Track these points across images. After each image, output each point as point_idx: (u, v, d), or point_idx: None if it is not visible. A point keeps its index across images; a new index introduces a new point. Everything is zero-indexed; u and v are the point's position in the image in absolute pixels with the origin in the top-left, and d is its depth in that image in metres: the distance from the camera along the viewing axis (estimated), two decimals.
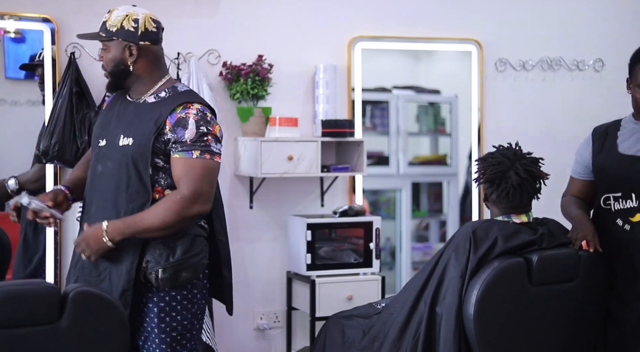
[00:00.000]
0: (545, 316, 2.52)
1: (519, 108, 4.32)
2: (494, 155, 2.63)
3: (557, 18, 4.38)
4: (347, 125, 3.82)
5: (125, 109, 2.53)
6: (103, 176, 2.50)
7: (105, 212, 2.46)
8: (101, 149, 2.52)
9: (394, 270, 4.33)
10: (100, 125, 2.58)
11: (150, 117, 2.45)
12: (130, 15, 2.49)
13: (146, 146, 2.42)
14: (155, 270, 2.39)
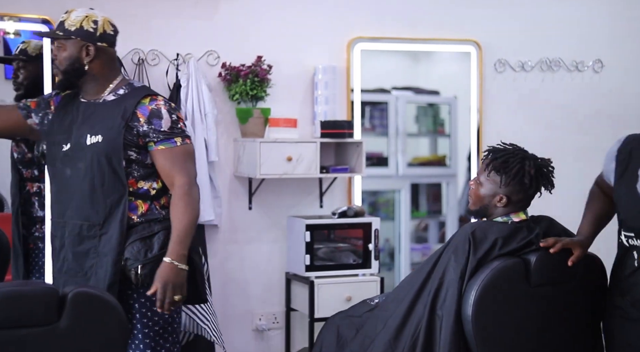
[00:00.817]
0: (543, 317, 2.52)
1: (518, 109, 4.32)
2: (505, 148, 2.62)
3: (556, 19, 4.38)
4: (346, 126, 3.82)
5: (85, 110, 2.57)
6: (74, 178, 2.54)
7: (83, 211, 2.52)
8: (67, 153, 2.55)
9: (393, 271, 4.34)
10: (58, 130, 2.59)
11: (117, 112, 2.53)
12: (90, 16, 2.58)
13: (117, 140, 2.49)
14: (134, 266, 2.47)
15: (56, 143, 2.58)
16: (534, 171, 2.54)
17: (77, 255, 2.53)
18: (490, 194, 2.59)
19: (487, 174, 2.59)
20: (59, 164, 2.57)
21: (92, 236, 2.51)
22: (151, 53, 3.71)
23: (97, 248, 2.50)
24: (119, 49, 3.64)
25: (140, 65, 3.67)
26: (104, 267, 2.48)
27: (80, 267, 2.52)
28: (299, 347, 3.94)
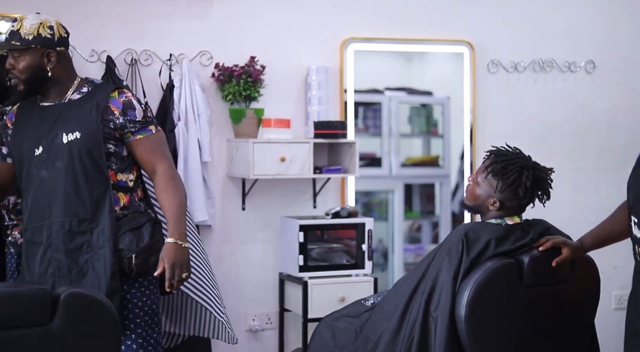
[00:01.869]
0: (537, 318, 2.52)
1: (511, 109, 4.33)
2: (508, 153, 2.61)
3: (549, 20, 4.40)
4: (340, 127, 3.83)
5: (52, 112, 2.59)
6: (53, 178, 2.55)
7: (69, 208, 2.54)
8: (40, 156, 2.55)
9: (387, 271, 4.34)
10: (24, 137, 2.59)
11: (88, 108, 2.56)
12: (45, 22, 2.60)
13: (97, 134, 2.53)
14: (128, 256, 2.52)
15: (25, 149, 2.58)
16: (529, 183, 2.54)
17: (69, 252, 2.53)
18: (485, 195, 2.60)
19: (485, 175, 2.60)
20: (32, 169, 2.57)
21: (83, 231, 2.53)
22: (144, 53, 3.71)
23: (91, 242, 2.53)
24: (111, 49, 3.66)
25: (133, 66, 3.67)
26: (102, 259, 2.51)
27: (75, 264, 2.53)
28: (292, 347, 3.94)
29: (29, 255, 2.60)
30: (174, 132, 3.62)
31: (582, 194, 4.36)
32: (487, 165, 2.60)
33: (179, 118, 3.63)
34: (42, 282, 2.53)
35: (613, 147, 4.41)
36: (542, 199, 2.61)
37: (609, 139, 4.42)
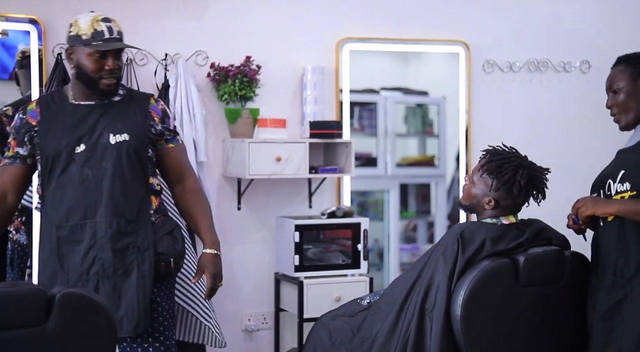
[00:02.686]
0: (533, 317, 2.53)
1: (507, 109, 4.34)
2: (504, 152, 2.62)
3: (544, 20, 4.41)
4: (335, 127, 3.83)
5: (91, 111, 2.58)
6: (99, 177, 2.55)
7: (117, 209, 2.56)
8: (82, 154, 2.55)
9: (382, 271, 4.34)
10: (61, 135, 2.56)
11: (132, 111, 2.61)
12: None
13: (144, 138, 2.60)
14: (167, 260, 2.59)
15: (64, 146, 2.55)
16: (524, 182, 2.54)
17: (116, 252, 2.54)
18: (480, 194, 2.61)
19: (481, 174, 2.61)
20: (73, 167, 2.55)
21: (130, 231, 2.55)
22: (139, 53, 3.70)
23: (137, 243, 2.56)
24: None
25: (129, 66, 3.66)
26: (147, 261, 2.55)
27: (121, 264, 2.54)
28: (288, 347, 3.94)
29: (63, 253, 2.56)
30: None
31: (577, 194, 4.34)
32: (483, 164, 2.61)
33: (175, 118, 3.63)
34: (82, 281, 2.53)
35: (608, 148, 4.40)
36: (537, 198, 2.61)
37: (603, 138, 4.43)
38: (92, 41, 2.54)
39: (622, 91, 2.54)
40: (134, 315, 2.54)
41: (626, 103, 2.53)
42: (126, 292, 2.54)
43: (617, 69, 2.57)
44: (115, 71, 2.57)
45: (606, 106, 2.61)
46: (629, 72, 2.53)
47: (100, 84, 2.56)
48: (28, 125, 2.60)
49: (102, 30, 2.57)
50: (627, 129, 2.59)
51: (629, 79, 2.52)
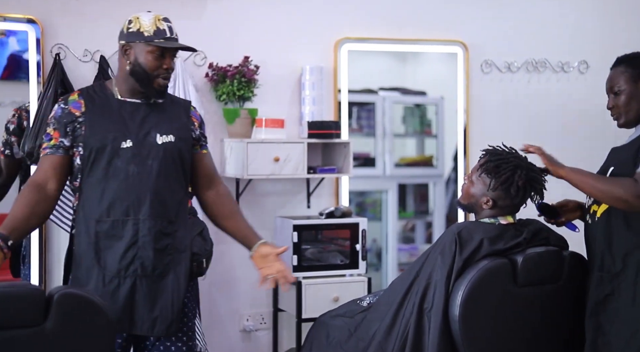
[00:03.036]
0: (531, 317, 2.53)
1: (505, 109, 4.35)
2: (503, 152, 2.62)
3: (542, 20, 4.41)
4: (334, 127, 3.83)
5: (138, 109, 2.57)
6: (144, 175, 2.53)
7: (159, 209, 2.54)
8: (129, 150, 2.52)
9: (380, 271, 4.34)
10: (109, 128, 2.53)
11: (177, 114, 2.64)
12: None
13: (189, 141, 2.63)
14: (200, 260, 2.65)
15: (110, 140, 2.52)
16: (522, 183, 2.55)
17: (157, 252, 2.52)
18: (478, 193, 2.61)
19: (479, 174, 2.62)
20: (118, 161, 2.52)
21: (169, 232, 2.55)
22: None
23: (174, 244, 2.55)
24: (105, 49, 3.65)
25: None
26: (183, 263, 2.57)
27: (160, 264, 2.53)
28: (286, 347, 3.94)
29: (100, 247, 2.52)
30: None
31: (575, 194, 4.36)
32: (482, 164, 2.62)
33: None
34: (119, 278, 2.50)
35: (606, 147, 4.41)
36: (534, 199, 2.62)
37: (602, 139, 4.43)
38: (155, 38, 2.53)
39: (623, 93, 2.55)
40: (168, 316, 2.52)
41: (628, 105, 2.55)
42: (161, 293, 2.52)
43: (617, 70, 2.58)
44: (170, 71, 2.57)
45: (607, 107, 2.62)
46: (629, 73, 2.54)
47: (155, 83, 2.55)
48: (71, 116, 2.55)
49: (164, 29, 2.56)
50: (626, 126, 2.61)
51: (629, 81, 2.54)
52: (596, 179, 2.48)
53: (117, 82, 2.61)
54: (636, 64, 2.55)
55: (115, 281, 2.50)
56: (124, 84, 2.58)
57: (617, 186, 2.41)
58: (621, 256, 2.42)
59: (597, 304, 2.47)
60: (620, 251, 2.42)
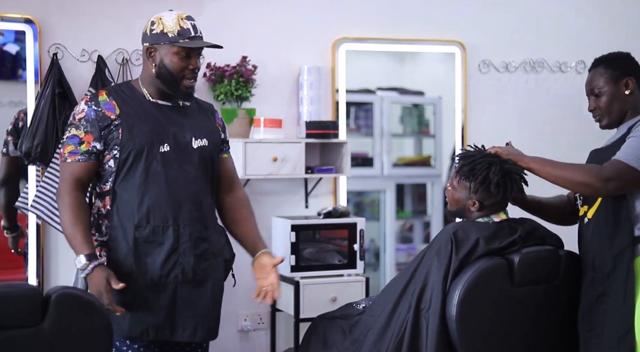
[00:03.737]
0: (528, 317, 2.53)
1: (502, 109, 4.35)
2: (474, 154, 2.63)
3: (540, 20, 4.41)
4: (331, 127, 3.83)
5: (173, 113, 2.51)
6: (181, 180, 2.47)
7: (198, 214, 2.50)
8: (168, 154, 2.45)
9: (378, 271, 4.34)
10: (147, 132, 2.44)
11: (207, 118, 2.61)
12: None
13: (218, 145, 2.60)
14: (229, 266, 2.66)
15: (148, 143, 2.43)
16: (497, 179, 2.55)
17: (197, 258, 2.48)
18: (463, 198, 2.63)
19: (458, 180, 2.63)
20: (157, 166, 2.43)
21: (205, 237, 2.51)
22: (135, 53, 3.70)
23: (211, 249, 2.52)
24: (102, 49, 3.65)
25: (125, 66, 3.66)
26: (219, 268, 2.55)
27: (200, 270, 2.49)
28: (284, 348, 3.94)
29: (141, 253, 2.43)
30: None
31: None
32: (457, 170, 2.64)
33: None
34: (159, 285, 2.43)
35: None
36: (513, 191, 2.59)
37: (600, 139, 4.42)
38: (179, 39, 2.45)
39: (604, 94, 2.55)
40: (209, 322, 2.51)
41: (610, 106, 2.55)
42: (201, 299, 2.48)
43: (597, 72, 2.58)
44: (196, 72, 2.49)
45: (588, 110, 2.63)
46: (609, 74, 2.54)
47: (181, 85, 2.47)
48: (107, 119, 2.43)
49: (188, 28, 2.48)
50: (609, 127, 2.62)
51: (610, 82, 2.54)
52: (556, 166, 2.48)
53: (144, 83, 2.52)
54: (616, 65, 2.55)
55: (156, 288, 2.43)
56: (151, 86, 2.51)
57: (579, 171, 2.41)
58: (612, 257, 2.42)
59: (589, 304, 2.47)
60: (611, 252, 2.42)
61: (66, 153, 2.44)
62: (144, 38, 2.53)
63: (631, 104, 2.54)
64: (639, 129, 2.44)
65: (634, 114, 2.54)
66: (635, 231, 2.41)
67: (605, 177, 2.35)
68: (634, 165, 2.36)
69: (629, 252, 2.40)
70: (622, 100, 2.53)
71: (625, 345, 2.36)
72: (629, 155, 2.37)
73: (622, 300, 2.37)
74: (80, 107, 2.47)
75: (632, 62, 2.58)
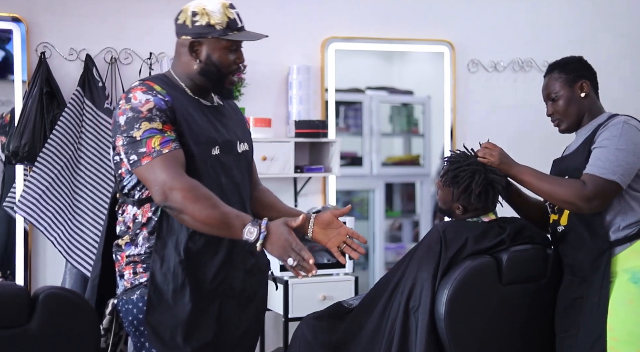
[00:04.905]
0: (516, 315, 2.54)
1: (491, 108, 4.36)
2: (460, 160, 2.63)
3: (528, 20, 4.43)
4: (321, 126, 3.83)
5: (215, 114, 2.23)
6: (230, 187, 2.20)
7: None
8: (218, 159, 2.17)
9: (367, 270, 4.35)
10: (201, 133, 2.15)
11: (240, 120, 2.35)
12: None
13: (252, 148, 2.35)
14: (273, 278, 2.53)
15: (203, 145, 2.14)
16: (479, 190, 2.56)
17: (246, 273, 2.25)
18: (449, 201, 2.64)
19: (443, 185, 2.64)
20: (210, 170, 2.14)
21: (252, 250, 2.17)
22: (124, 52, 3.69)
23: (257, 264, 2.28)
24: (91, 47, 3.63)
25: (113, 64, 3.65)
26: (264, 285, 2.33)
27: (248, 286, 2.25)
28: (273, 347, 3.93)
29: (192, 266, 2.14)
30: None
31: None
32: (442, 175, 2.65)
33: None
34: (208, 299, 2.16)
35: None
36: (496, 200, 2.61)
37: None
38: (228, 31, 2.18)
39: (561, 98, 2.58)
40: (251, 339, 2.30)
41: (566, 110, 2.58)
42: (247, 317, 2.25)
43: (552, 77, 2.61)
44: (243, 66, 2.25)
45: (547, 115, 2.65)
46: (564, 78, 2.58)
47: (227, 82, 2.20)
48: (173, 112, 2.11)
49: (234, 18, 2.21)
50: (568, 131, 2.65)
51: (565, 86, 2.57)
52: (544, 180, 2.49)
53: (182, 78, 2.21)
54: (570, 69, 2.58)
55: (204, 303, 2.15)
56: (192, 82, 2.20)
57: (563, 187, 2.43)
58: (589, 262, 2.44)
59: (565, 306, 2.49)
60: (588, 257, 2.44)
61: (156, 147, 2.05)
62: (182, 30, 2.21)
63: (587, 106, 2.57)
64: (603, 139, 2.45)
65: (590, 116, 2.57)
66: (611, 236, 2.43)
67: (587, 196, 2.38)
68: (612, 178, 2.38)
69: (606, 257, 2.42)
70: (578, 104, 2.57)
71: (598, 349, 2.38)
72: (603, 168, 2.39)
73: (597, 305, 2.40)
74: (141, 98, 2.09)
75: (584, 65, 2.62)
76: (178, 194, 2.02)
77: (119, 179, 2.19)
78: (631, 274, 2.39)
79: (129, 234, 2.17)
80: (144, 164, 2.05)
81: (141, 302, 2.14)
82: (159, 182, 2.03)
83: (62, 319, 2.16)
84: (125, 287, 2.18)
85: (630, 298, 2.38)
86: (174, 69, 2.24)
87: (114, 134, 2.12)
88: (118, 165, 2.17)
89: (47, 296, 2.15)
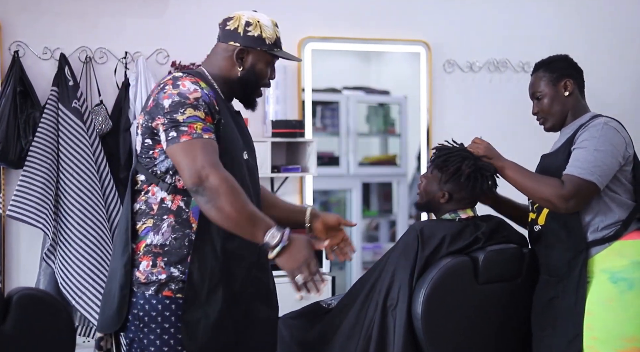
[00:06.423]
0: (492, 314, 2.56)
1: (467, 109, 4.39)
2: (450, 147, 2.66)
3: (504, 21, 4.46)
4: (297, 126, 3.83)
5: (238, 118, 2.29)
6: (256, 190, 2.25)
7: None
8: (246, 164, 2.20)
9: (345, 270, 4.35)
10: (234, 138, 2.18)
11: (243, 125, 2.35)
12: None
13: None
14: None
15: (237, 150, 2.18)
16: (468, 171, 2.58)
17: (270, 274, 2.30)
18: (434, 189, 2.65)
19: (431, 171, 2.66)
20: (245, 173, 2.18)
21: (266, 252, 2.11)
22: (99, 51, 3.66)
23: (265, 265, 2.26)
24: (65, 46, 3.60)
25: (88, 64, 3.62)
26: (272, 279, 2.33)
27: (274, 285, 2.30)
28: None
29: (227, 268, 2.14)
30: (130, 131, 3.58)
31: None
32: (432, 160, 2.66)
33: (135, 117, 3.59)
34: (235, 301, 2.15)
35: None
36: (482, 187, 2.61)
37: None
38: (275, 48, 2.29)
39: (545, 97, 2.62)
40: (273, 341, 2.30)
41: (550, 108, 2.61)
42: (270, 317, 2.28)
43: (537, 76, 2.65)
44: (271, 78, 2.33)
45: (532, 113, 2.69)
46: (548, 77, 2.61)
47: (257, 93, 2.29)
48: (215, 109, 2.13)
49: (279, 36, 2.33)
50: (553, 130, 2.68)
51: (549, 84, 2.60)
52: (526, 175, 2.53)
53: (216, 82, 2.23)
54: (554, 68, 2.62)
55: (232, 305, 2.15)
56: (224, 86, 2.23)
57: (542, 185, 2.46)
58: (566, 261, 2.47)
59: (542, 306, 2.51)
60: (564, 257, 2.47)
61: (199, 130, 2.04)
62: (232, 36, 2.28)
63: (571, 105, 2.60)
64: (583, 140, 2.48)
65: (574, 115, 2.60)
66: (588, 236, 2.46)
67: (564, 196, 2.41)
68: (590, 178, 2.41)
69: (583, 257, 2.44)
70: (562, 102, 2.60)
71: (574, 348, 2.40)
72: (581, 169, 2.42)
73: (574, 305, 2.42)
74: (189, 87, 2.10)
75: (570, 64, 2.64)
76: (215, 180, 1.98)
77: (147, 159, 2.12)
78: (610, 274, 2.42)
79: (152, 217, 2.10)
80: (182, 141, 2.02)
81: (155, 300, 2.07)
82: (197, 165, 1.99)
83: (37, 320, 2.15)
84: (138, 279, 2.09)
85: (610, 298, 2.40)
86: (208, 69, 2.27)
87: (153, 115, 2.07)
88: (149, 147, 2.10)
89: (21, 297, 2.13)
